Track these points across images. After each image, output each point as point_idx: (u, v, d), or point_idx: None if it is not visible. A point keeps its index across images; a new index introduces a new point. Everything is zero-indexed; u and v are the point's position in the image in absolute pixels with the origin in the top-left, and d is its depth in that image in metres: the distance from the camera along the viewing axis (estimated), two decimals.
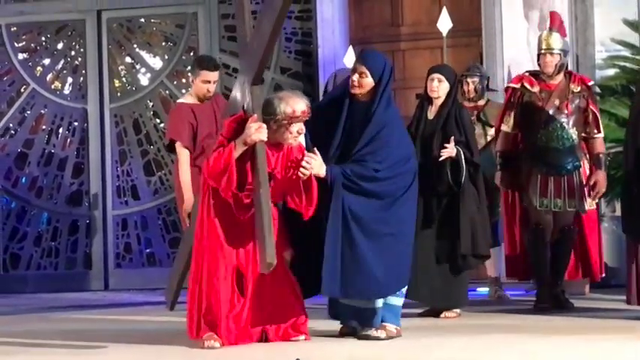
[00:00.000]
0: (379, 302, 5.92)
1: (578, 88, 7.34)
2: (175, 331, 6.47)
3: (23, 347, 6.08)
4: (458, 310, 7.10)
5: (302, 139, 5.87)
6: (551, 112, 7.29)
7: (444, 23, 8.84)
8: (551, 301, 7.36)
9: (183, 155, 7.51)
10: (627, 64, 9.31)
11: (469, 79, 8.66)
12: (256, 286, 5.80)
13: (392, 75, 6.08)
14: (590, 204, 7.41)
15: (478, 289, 8.65)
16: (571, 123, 7.29)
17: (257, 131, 5.63)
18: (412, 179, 5.95)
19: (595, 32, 9.77)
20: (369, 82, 5.92)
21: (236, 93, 6.16)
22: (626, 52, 9.37)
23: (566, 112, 7.28)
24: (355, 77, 5.93)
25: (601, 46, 9.70)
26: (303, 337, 5.90)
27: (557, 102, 7.32)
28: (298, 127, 5.76)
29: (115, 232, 11.13)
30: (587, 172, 7.50)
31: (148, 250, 11.16)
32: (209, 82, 7.55)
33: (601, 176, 7.30)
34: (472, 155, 7.00)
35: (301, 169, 5.66)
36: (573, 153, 7.29)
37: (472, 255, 6.98)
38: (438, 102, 7.08)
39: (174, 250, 10.79)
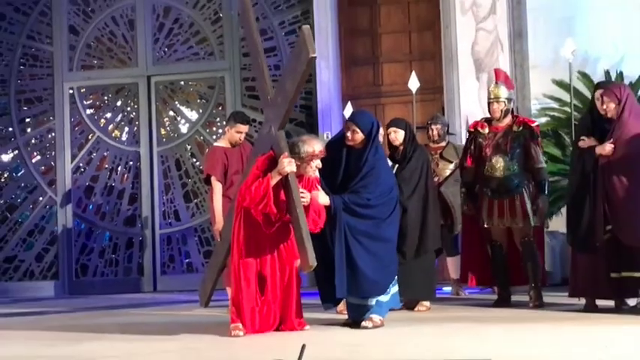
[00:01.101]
0: (372, 301, 5.95)
1: (520, 128, 7.10)
2: (208, 322, 6.42)
3: (90, 335, 6.07)
4: (428, 304, 7.04)
5: (317, 173, 5.92)
6: (495, 148, 7.09)
7: (414, 83, 8.82)
8: (508, 300, 7.13)
9: (217, 187, 7.47)
10: (556, 114, 9.30)
11: (433, 126, 8.61)
12: (274, 288, 5.79)
13: (378, 128, 6.18)
14: (535, 221, 7.06)
15: (443, 288, 8.59)
16: (511, 157, 7.03)
17: (289, 164, 5.66)
18: (395, 204, 6.10)
19: (531, 89, 9.77)
20: (359, 136, 6.03)
21: (262, 137, 6.18)
22: (555, 105, 9.37)
23: (505, 148, 7.04)
24: (349, 134, 6.04)
25: (535, 100, 9.70)
26: (308, 327, 5.87)
27: (500, 140, 7.09)
28: (317, 162, 5.82)
29: (162, 246, 11.07)
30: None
31: (187, 260, 11.10)
32: (241, 132, 7.54)
33: (543, 200, 7.03)
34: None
35: (312, 194, 5.78)
36: (513, 181, 7.02)
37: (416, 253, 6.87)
38: (401, 146, 7.04)
39: (207, 259, 10.74)
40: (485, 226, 7.12)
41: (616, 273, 6.29)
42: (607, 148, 6.25)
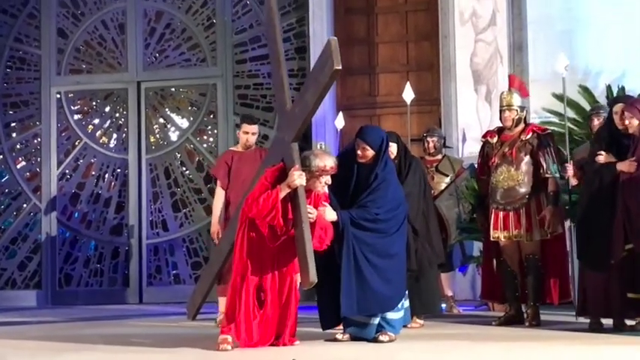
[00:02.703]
0: (376, 319, 5.95)
1: (528, 136, 6.99)
2: (195, 335, 6.36)
3: (72, 345, 6.01)
4: (421, 321, 6.98)
5: (326, 189, 5.89)
6: (501, 158, 7.00)
7: (408, 94, 8.72)
8: (514, 318, 6.95)
9: (217, 190, 7.63)
10: (555, 128, 9.24)
11: (429, 139, 8.60)
12: (273, 302, 5.73)
13: (388, 142, 6.21)
14: (542, 234, 6.88)
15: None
16: (517, 167, 6.92)
17: (299, 178, 5.62)
18: (403, 219, 6.09)
19: (530, 103, 9.74)
20: (370, 153, 6.05)
21: (274, 148, 6.13)
22: (555, 119, 9.34)
23: (510, 158, 6.95)
24: (359, 152, 6.05)
25: (535, 114, 9.66)
26: (298, 342, 5.81)
27: (506, 150, 7.00)
28: (326, 178, 5.78)
29: (148, 256, 11.01)
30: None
31: (174, 272, 11.02)
32: (247, 132, 7.54)
33: (549, 210, 6.86)
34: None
35: (319, 210, 5.75)
36: (518, 192, 6.91)
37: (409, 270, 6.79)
38: (395, 159, 6.91)
39: (196, 271, 10.70)
40: (491, 239, 7.01)
41: (633, 293, 6.19)
42: (630, 164, 6.20)
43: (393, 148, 6.90)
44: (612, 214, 6.17)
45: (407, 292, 6.18)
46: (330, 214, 5.80)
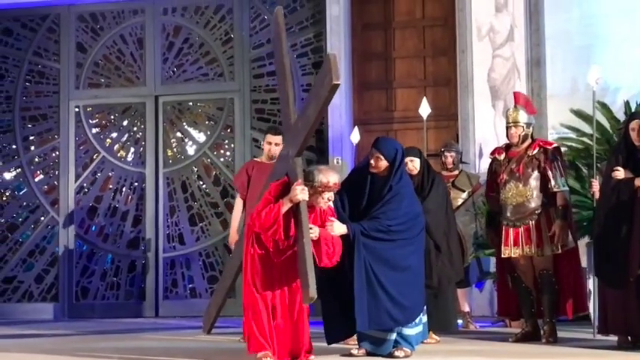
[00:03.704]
0: (392, 335, 5.90)
1: (535, 152, 6.96)
2: (212, 349, 6.35)
3: (86, 359, 5.99)
4: (437, 337, 6.94)
5: (331, 204, 5.84)
6: (509, 175, 6.97)
7: (425, 109, 8.67)
8: (532, 335, 6.89)
9: (236, 201, 7.64)
10: (573, 144, 9.20)
11: (447, 153, 8.58)
12: (283, 317, 5.68)
13: (403, 154, 6.15)
14: (553, 249, 6.83)
15: None
16: (525, 182, 6.89)
17: (301, 192, 5.58)
18: (418, 232, 6.02)
19: (548, 119, 9.73)
20: (383, 164, 6.00)
21: (279, 162, 6.12)
22: (572, 135, 9.29)
23: (518, 174, 6.92)
24: (372, 161, 6.01)
25: (552, 129, 9.64)
26: (313, 357, 5.78)
27: (513, 166, 6.97)
28: (329, 195, 5.72)
29: (165, 270, 11.02)
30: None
31: (190, 285, 11.03)
32: (271, 143, 7.51)
33: (558, 225, 6.81)
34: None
35: (327, 225, 5.72)
36: (527, 207, 6.86)
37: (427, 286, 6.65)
38: (417, 175, 6.88)
39: (212, 285, 10.70)
40: (502, 255, 6.97)
41: None
42: None
43: (415, 164, 6.88)
44: (630, 231, 6.12)
45: (425, 307, 6.12)
46: (339, 228, 5.75)
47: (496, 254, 7.27)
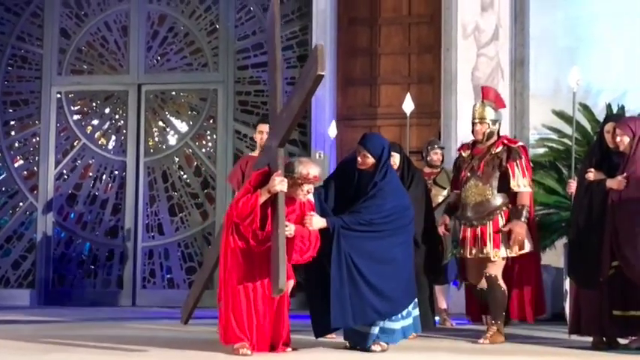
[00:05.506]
0: (375, 329, 5.90)
1: (498, 150, 6.76)
2: (189, 339, 6.37)
3: (60, 347, 6.01)
4: (414, 333, 6.96)
5: (311, 197, 5.86)
6: (469, 172, 6.80)
7: (408, 106, 8.67)
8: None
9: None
10: (554, 145, 9.27)
11: (438, 151, 8.63)
12: (265, 308, 5.71)
13: (390, 151, 6.18)
14: (507, 252, 6.62)
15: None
16: (486, 181, 6.69)
17: (280, 183, 5.60)
18: (408, 222, 6.04)
19: (530, 119, 9.79)
20: (370, 161, 6.02)
21: (265, 152, 6.15)
22: (554, 135, 9.35)
23: (479, 172, 6.73)
24: (359, 158, 6.03)
25: (534, 129, 9.70)
26: (289, 349, 5.82)
27: (475, 164, 6.78)
28: (309, 187, 5.75)
29: (143, 260, 11.03)
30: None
31: (168, 276, 11.05)
32: (262, 132, 7.52)
33: (515, 225, 6.60)
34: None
35: (306, 219, 5.73)
36: (486, 207, 6.68)
37: None
38: (397, 171, 6.81)
39: (190, 276, 10.71)
40: (457, 256, 6.88)
41: (620, 311, 6.19)
42: (619, 182, 6.20)
43: (395, 159, 6.88)
44: (601, 231, 6.19)
45: (416, 299, 6.10)
46: (318, 222, 5.75)
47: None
